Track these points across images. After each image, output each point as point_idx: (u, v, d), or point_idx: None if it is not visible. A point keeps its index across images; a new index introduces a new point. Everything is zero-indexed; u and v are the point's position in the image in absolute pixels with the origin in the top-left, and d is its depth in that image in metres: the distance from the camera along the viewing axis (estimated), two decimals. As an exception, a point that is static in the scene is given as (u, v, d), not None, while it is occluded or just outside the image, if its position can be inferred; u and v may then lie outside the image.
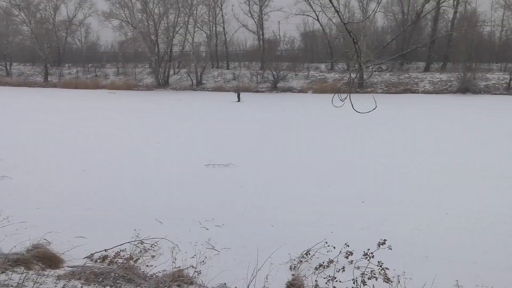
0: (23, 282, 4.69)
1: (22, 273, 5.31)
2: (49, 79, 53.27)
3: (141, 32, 49.00)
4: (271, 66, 46.47)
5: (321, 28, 51.14)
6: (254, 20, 53.54)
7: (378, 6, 42.87)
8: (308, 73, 47.36)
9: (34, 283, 4.85)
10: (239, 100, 36.50)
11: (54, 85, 51.39)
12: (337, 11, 5.16)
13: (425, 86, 41.86)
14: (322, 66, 50.56)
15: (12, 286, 4.93)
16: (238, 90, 38.86)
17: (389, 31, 50.80)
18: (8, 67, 55.73)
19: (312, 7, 48.59)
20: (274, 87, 45.34)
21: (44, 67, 53.61)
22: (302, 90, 44.42)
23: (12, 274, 5.58)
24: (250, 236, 8.96)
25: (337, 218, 9.97)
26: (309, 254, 7.80)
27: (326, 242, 7.94)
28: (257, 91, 45.19)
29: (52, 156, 16.30)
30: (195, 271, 6.93)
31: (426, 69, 46.45)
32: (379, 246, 7.30)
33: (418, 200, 11.16)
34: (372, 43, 42.82)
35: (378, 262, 7.07)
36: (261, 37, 53.37)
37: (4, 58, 55.67)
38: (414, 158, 15.74)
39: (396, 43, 48.41)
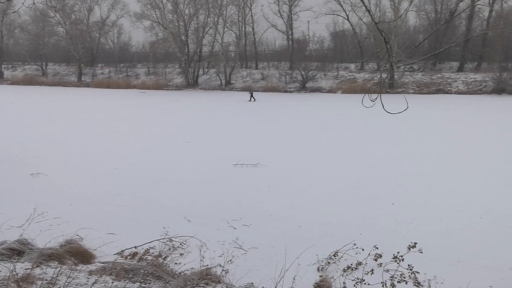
0: (57, 276, 4.82)
1: (56, 268, 5.47)
2: (82, 79, 54.62)
3: (172, 32, 49.65)
4: (300, 66, 46.26)
5: (351, 28, 50.61)
6: (284, 20, 53.50)
7: (410, 5, 42.04)
8: (337, 73, 46.93)
9: (67, 278, 4.98)
10: (252, 100, 36.58)
11: (87, 85, 52.65)
12: (368, 11, 5.09)
13: (458, 86, 40.82)
14: (352, 66, 50.02)
15: (46, 280, 5.07)
16: (251, 90, 38.94)
17: (421, 30, 49.80)
18: (44, 67, 57.42)
19: (342, 6, 48.15)
20: (302, 87, 45.13)
21: (78, 67, 55.00)
22: (331, 91, 44.04)
23: (46, 268, 5.75)
24: (277, 236, 8.95)
25: (365, 220, 9.84)
26: (337, 255, 7.73)
27: (355, 244, 7.85)
28: (286, 91, 45.08)
29: (85, 154, 16.70)
30: (222, 270, 6.97)
31: (460, 69, 45.28)
32: (409, 249, 7.16)
33: (450, 203, 10.89)
34: (404, 43, 42.05)
35: (408, 265, 6.94)
36: (290, 37, 53.24)
37: (40, 58, 57.40)
38: (447, 160, 15.37)
39: (428, 42, 47.39)
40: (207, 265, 7.20)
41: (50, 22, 57.32)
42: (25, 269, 5.87)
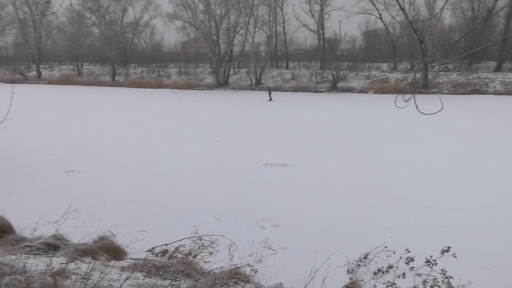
0: (90, 271, 4.94)
1: (89, 263, 5.61)
2: (116, 79, 55.78)
3: (203, 32, 50.09)
4: (331, 66, 45.81)
5: (384, 27, 49.74)
6: (315, 20, 53.08)
7: (446, 3, 41.02)
8: (369, 73, 46.23)
9: (100, 273, 5.09)
10: (270, 99, 36.64)
11: (121, 84, 53.72)
12: (402, 9, 4.99)
13: (495, 86, 39.53)
14: (384, 65, 49.15)
15: (80, 274, 5.21)
16: (269, 89, 38.95)
17: (457, 29, 48.47)
18: (79, 67, 58.96)
19: (375, 5, 47.34)
20: (333, 87, 44.69)
21: (112, 67, 56.20)
22: (362, 91, 43.43)
23: (80, 263, 5.90)
24: (307, 237, 8.89)
25: (397, 222, 9.66)
26: (368, 258, 7.61)
27: (386, 247, 7.72)
28: (316, 91, 44.76)
29: (118, 152, 17.06)
30: (251, 270, 6.98)
31: (497, 69, 43.82)
32: (442, 253, 6.99)
33: (485, 207, 10.56)
34: (439, 42, 41.00)
35: (442, 270, 6.77)
36: (321, 36, 52.82)
37: (76, 58, 58.97)
38: (483, 163, 14.91)
39: (464, 41, 46.07)
40: (236, 264, 7.23)
41: (86, 23, 58.79)
42: (61, 263, 6.04)
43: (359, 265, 7.49)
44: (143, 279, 5.62)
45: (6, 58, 63.63)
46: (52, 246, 7.20)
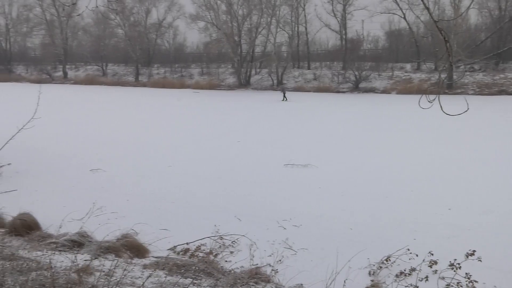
0: (114, 268, 5.03)
1: (112, 260, 5.71)
2: (139, 79, 56.51)
3: (225, 33, 50.33)
4: (353, 66, 45.44)
5: (407, 27, 49.05)
6: (337, 20, 52.71)
7: (472, 2, 40.17)
8: (392, 73, 45.67)
9: (123, 271, 5.17)
10: (285, 99, 36.67)
11: (144, 85, 54.39)
12: (427, 8, 4.92)
13: (523, 87, 38.56)
14: (408, 66, 48.41)
15: (104, 271, 5.30)
16: (283, 89, 39.03)
17: (483, 29, 47.42)
18: (104, 68, 59.97)
19: (398, 5, 46.73)
20: (355, 88, 44.31)
21: (136, 68, 56.98)
22: (385, 91, 42.94)
23: (104, 260, 6.01)
24: (328, 238, 8.85)
25: (420, 224, 9.52)
26: (390, 260, 7.52)
27: (408, 249, 7.61)
28: (338, 92, 44.45)
29: (141, 151, 17.28)
30: (272, 270, 6.98)
31: (525, 69, 42.71)
32: (467, 256, 6.86)
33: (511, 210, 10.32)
34: (464, 42, 40.21)
35: (466, 274, 6.64)
36: (343, 36, 52.44)
37: (101, 59, 60.02)
38: (509, 165, 14.56)
39: (491, 41, 44.99)
40: (257, 264, 7.25)
41: (111, 24, 59.82)
42: (85, 260, 6.17)
43: (380, 267, 7.41)
44: (165, 277, 5.69)
45: (33, 58, 65.22)
46: (76, 243, 7.36)
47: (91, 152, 16.85)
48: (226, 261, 7.67)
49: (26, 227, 8.14)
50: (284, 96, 37.10)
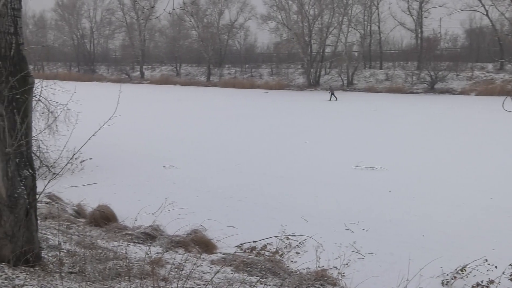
0: (184, 262, 5.21)
1: (182, 254, 5.92)
2: (211, 79, 58.01)
3: (296, 33, 50.28)
4: (429, 66, 43.50)
5: (490, 24, 46.10)
6: (413, 18, 50.75)
7: None
8: (471, 74, 43.14)
9: (193, 265, 5.35)
10: (334, 99, 36.54)
11: (215, 84, 55.75)
12: (513, 4, 4.60)
13: None
14: (489, 65, 45.46)
15: (174, 264, 5.51)
16: (331, 89, 38.62)
17: None
18: (178, 68, 62.28)
19: (481, 1, 44.09)
20: (431, 89, 42.41)
21: (207, 68, 58.57)
22: (463, 92, 40.68)
23: (175, 254, 6.25)
24: (397, 243, 8.56)
25: (500, 234, 8.92)
26: (465, 270, 7.11)
27: (486, 260, 7.15)
28: (412, 93, 42.80)
29: (211, 149, 17.74)
30: (338, 273, 6.88)
31: None
32: (553, 272, 6.34)
33: None
34: (554, 39, 37.12)
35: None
36: (419, 35, 50.38)
37: (175, 60, 62.41)
38: None
39: None
40: (323, 266, 7.16)
41: (185, 26, 62.06)
42: (157, 253, 6.45)
43: (455, 277, 7.03)
44: (232, 273, 5.80)
45: (114, 59, 69.27)
46: (149, 235, 7.71)
47: (164, 149, 17.55)
48: (292, 261, 7.65)
49: (104, 218, 8.65)
50: (333, 96, 37.10)
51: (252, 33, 63.21)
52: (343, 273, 6.91)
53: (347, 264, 7.32)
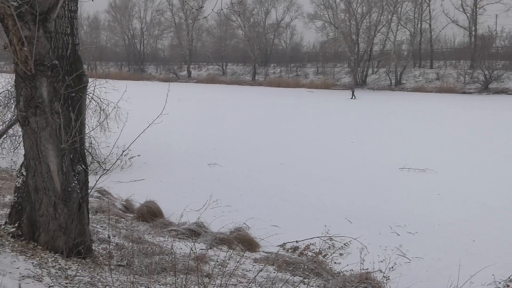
0: (227, 260, 5.27)
1: (226, 252, 5.99)
2: (256, 78, 58.31)
3: (343, 32, 49.63)
4: (483, 65, 41.72)
5: (550, 20, 43.67)
6: (466, 15, 48.89)
7: None
8: (530, 73, 41.06)
9: (236, 263, 5.40)
10: (354, 98, 37.05)
11: (260, 84, 55.99)
12: None
13: None
14: (550, 64, 43.09)
15: (218, 261, 5.59)
16: (352, 88, 39.07)
17: None
18: (224, 67, 63.05)
19: (540, -4, 41.88)
20: (484, 88, 40.69)
21: (253, 67, 58.92)
22: (520, 92, 38.80)
23: (218, 251, 6.34)
24: (446, 248, 8.27)
25: (558, 244, 8.44)
26: (519, 279, 6.79)
27: (542, 270, 6.80)
28: (464, 93, 41.22)
29: (255, 148, 17.83)
30: (383, 276, 6.73)
31: None
32: None
33: None
34: None
35: None
36: (473, 33, 48.42)
37: (221, 59, 63.22)
38: None
39: None
40: (367, 269, 7.03)
41: (232, 25, 62.75)
42: (201, 249, 6.57)
43: (508, 285, 6.71)
44: (274, 273, 5.81)
45: (162, 59, 71.11)
46: (194, 232, 7.86)
47: (209, 147, 17.81)
48: (335, 262, 7.57)
49: (151, 214, 8.90)
50: (353, 95, 37.62)
51: (298, 32, 63.06)
52: (388, 276, 6.76)
53: (392, 267, 7.15)
